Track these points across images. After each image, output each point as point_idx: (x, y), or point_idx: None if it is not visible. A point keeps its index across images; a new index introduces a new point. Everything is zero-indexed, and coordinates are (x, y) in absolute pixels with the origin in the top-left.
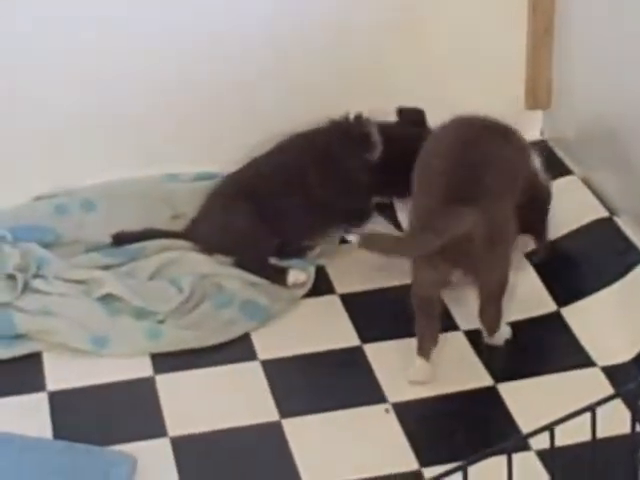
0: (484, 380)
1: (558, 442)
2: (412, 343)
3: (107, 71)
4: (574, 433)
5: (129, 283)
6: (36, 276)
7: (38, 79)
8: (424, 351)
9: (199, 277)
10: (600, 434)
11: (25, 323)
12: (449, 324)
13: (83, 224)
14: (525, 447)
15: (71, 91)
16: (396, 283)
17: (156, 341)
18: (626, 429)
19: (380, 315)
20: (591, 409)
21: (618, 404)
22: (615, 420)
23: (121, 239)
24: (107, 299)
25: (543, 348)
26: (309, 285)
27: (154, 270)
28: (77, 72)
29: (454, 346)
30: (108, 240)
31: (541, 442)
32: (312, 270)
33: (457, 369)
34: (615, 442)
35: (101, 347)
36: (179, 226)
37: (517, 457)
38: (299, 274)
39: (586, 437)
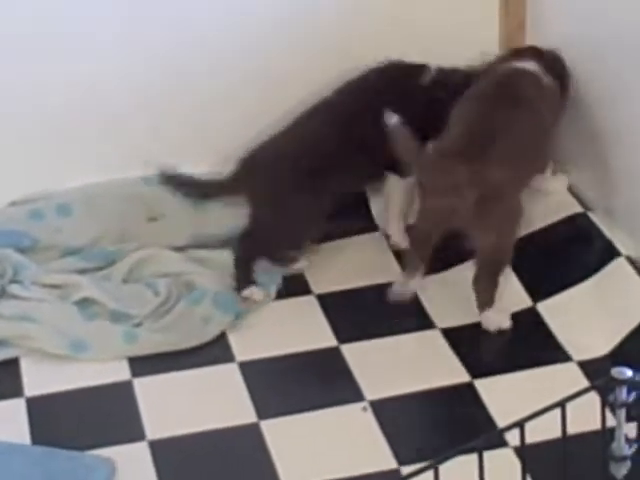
0: (461, 376)
1: (533, 438)
2: (389, 342)
3: (83, 74)
4: (548, 429)
5: (105, 287)
6: (13, 281)
7: (12, 82)
8: (409, 271)
9: (171, 277)
10: (575, 429)
11: (2, 329)
12: (425, 322)
13: (59, 229)
14: (501, 444)
15: (45, 95)
16: (372, 282)
17: (133, 345)
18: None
19: (357, 315)
20: (561, 405)
21: (593, 399)
22: (591, 415)
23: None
24: (84, 303)
25: (519, 343)
26: (263, 302)
27: (127, 271)
28: (53, 76)
29: (430, 343)
30: (84, 244)
31: (517, 438)
32: (273, 290)
33: (434, 366)
34: (589, 437)
35: (79, 352)
36: (156, 228)
37: (494, 454)
38: (257, 293)
39: (560, 433)
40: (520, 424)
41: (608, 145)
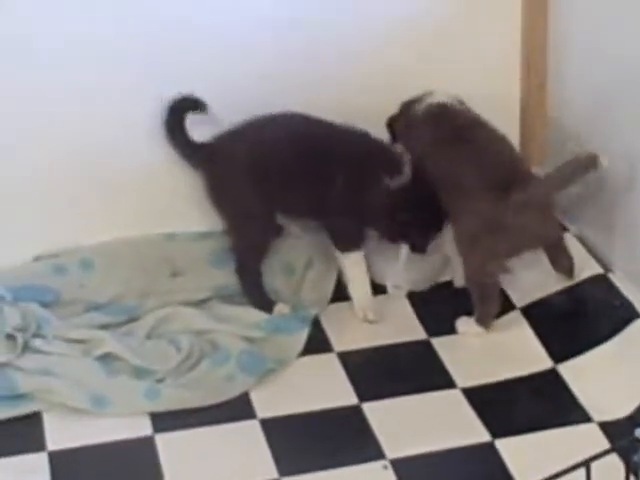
0: (482, 436)
1: None
2: (410, 401)
3: (100, 131)
4: None
5: (128, 342)
6: (36, 336)
7: (35, 136)
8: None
9: (195, 334)
10: None
11: (25, 383)
12: (445, 381)
13: (82, 284)
14: None
15: (71, 149)
16: (394, 341)
17: (155, 401)
18: None
19: (378, 373)
20: (585, 464)
21: (614, 460)
22: (612, 476)
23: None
24: (106, 359)
25: (540, 404)
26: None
27: (150, 328)
28: (74, 131)
29: (452, 402)
30: (107, 299)
31: None
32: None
33: (455, 425)
34: None
35: (100, 407)
36: (178, 284)
37: None
38: (284, 307)
39: None
40: None
41: (625, 206)
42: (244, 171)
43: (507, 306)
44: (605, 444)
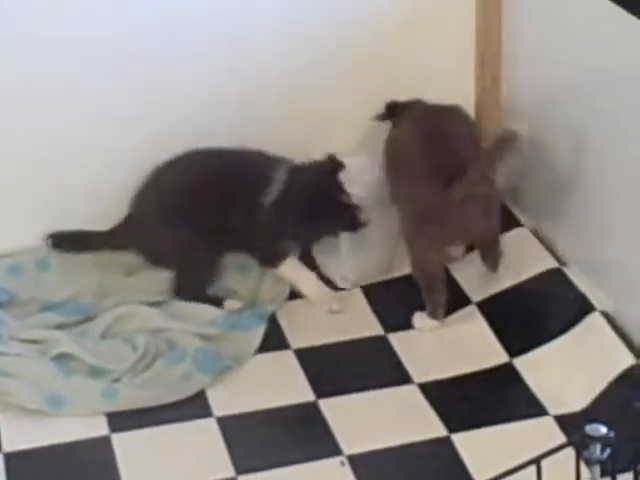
0: (438, 431)
1: None
2: (365, 397)
3: (54, 130)
4: None
5: (83, 342)
6: None
7: None
8: (437, 315)
9: (151, 333)
10: None
11: None
12: (402, 376)
13: (38, 283)
14: None
15: (24, 145)
16: (349, 337)
17: (112, 400)
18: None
19: (334, 370)
20: (536, 462)
21: (570, 454)
22: (568, 470)
23: (57, 241)
24: (62, 359)
25: (496, 398)
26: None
27: (106, 327)
28: (28, 125)
29: (408, 398)
30: (63, 299)
31: None
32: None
33: (411, 420)
34: None
35: (56, 407)
36: (133, 283)
37: None
38: (234, 303)
39: None
40: None
41: (580, 201)
42: (163, 221)
43: (463, 301)
44: (561, 437)
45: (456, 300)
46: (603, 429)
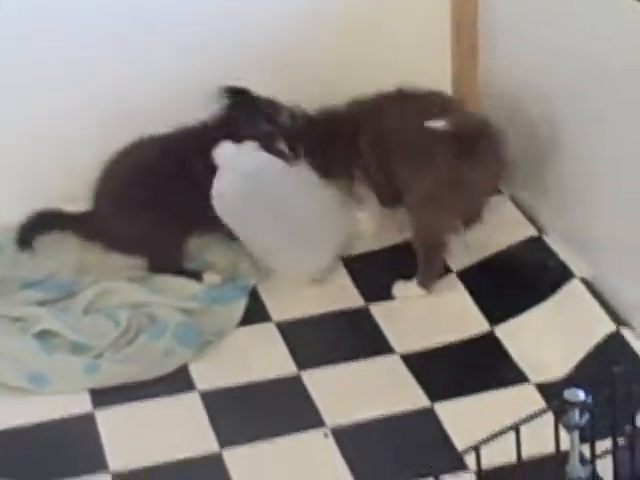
0: (420, 401)
1: (491, 461)
2: (347, 368)
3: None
4: (507, 452)
5: (65, 318)
6: None
7: None
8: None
9: (132, 308)
10: (533, 451)
11: None
12: (384, 347)
13: (17, 261)
14: (461, 467)
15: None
16: (330, 309)
17: (94, 376)
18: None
19: (316, 342)
20: (515, 428)
21: (551, 421)
22: (548, 437)
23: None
24: (44, 335)
25: (477, 366)
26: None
27: (88, 302)
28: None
29: (390, 368)
30: (43, 276)
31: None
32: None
33: (393, 391)
34: (545, 458)
35: (39, 385)
36: (113, 260)
37: (453, 478)
38: (213, 276)
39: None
40: (476, 448)
41: (560, 169)
42: (121, 211)
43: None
44: (542, 404)
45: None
46: (581, 394)
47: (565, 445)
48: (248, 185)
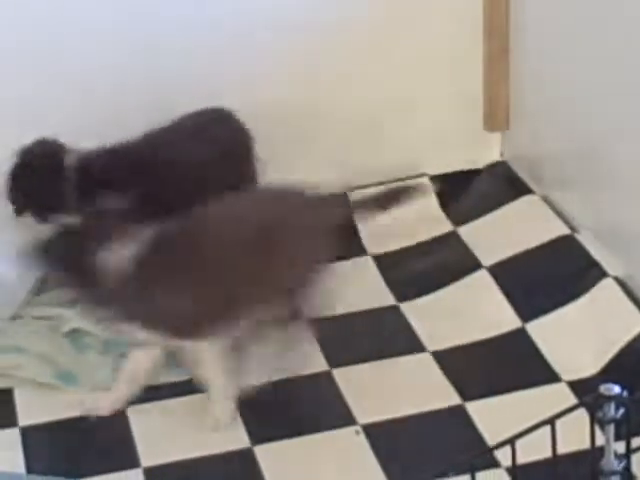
0: (452, 399)
1: (525, 457)
2: (379, 366)
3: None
4: (540, 447)
5: None
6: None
7: None
8: None
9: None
10: (567, 447)
11: None
12: (416, 345)
13: None
14: (494, 464)
15: None
16: (363, 307)
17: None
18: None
19: (348, 339)
20: (550, 422)
21: (584, 417)
22: (582, 432)
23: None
24: (74, 334)
25: (509, 364)
26: None
27: None
28: None
29: (421, 366)
30: None
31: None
32: None
33: (425, 389)
34: (580, 454)
35: (68, 382)
36: None
37: (487, 474)
38: None
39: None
40: (511, 441)
41: (593, 168)
42: None
43: (473, 265)
44: (574, 402)
45: (466, 264)
46: (616, 388)
47: (598, 441)
48: None
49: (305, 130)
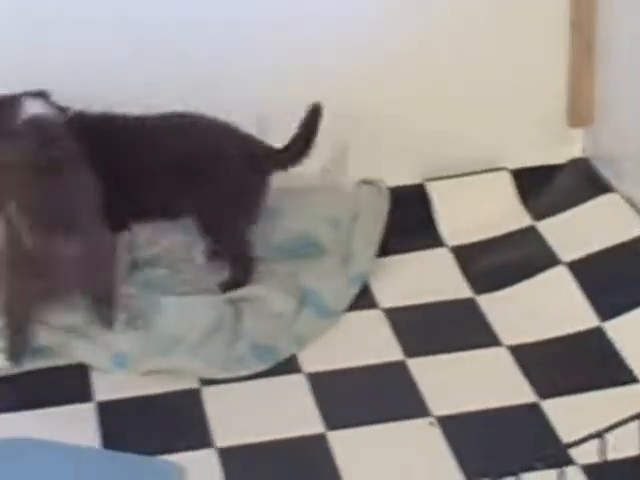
0: (527, 396)
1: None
2: (455, 358)
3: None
4: (620, 447)
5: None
6: None
7: None
8: None
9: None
10: None
11: (48, 338)
12: (492, 339)
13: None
14: (567, 462)
15: None
16: (438, 299)
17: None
18: None
19: (424, 330)
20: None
21: None
22: None
23: None
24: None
25: (585, 363)
26: None
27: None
28: None
29: (497, 361)
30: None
31: (584, 456)
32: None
33: (500, 384)
34: None
35: (120, 365)
36: None
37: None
38: None
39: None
40: (599, 435)
41: None
42: None
43: (552, 260)
44: None
45: (545, 259)
46: None
47: None
48: None
49: (384, 121)
